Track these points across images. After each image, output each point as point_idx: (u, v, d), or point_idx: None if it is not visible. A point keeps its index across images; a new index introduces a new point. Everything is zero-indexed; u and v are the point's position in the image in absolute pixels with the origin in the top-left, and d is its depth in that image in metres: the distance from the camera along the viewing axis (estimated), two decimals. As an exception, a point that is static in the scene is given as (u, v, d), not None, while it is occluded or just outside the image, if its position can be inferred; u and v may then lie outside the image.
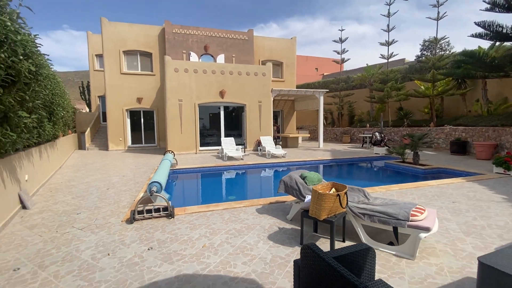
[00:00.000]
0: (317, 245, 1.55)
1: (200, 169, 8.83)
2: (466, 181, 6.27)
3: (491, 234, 3.37)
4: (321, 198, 2.87)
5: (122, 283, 2.48)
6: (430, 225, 2.76)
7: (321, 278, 1.38)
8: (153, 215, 4.09)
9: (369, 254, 1.75)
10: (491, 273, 1.92)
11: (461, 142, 11.10)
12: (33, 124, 4.71)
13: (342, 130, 19.43)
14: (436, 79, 13.55)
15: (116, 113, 14.96)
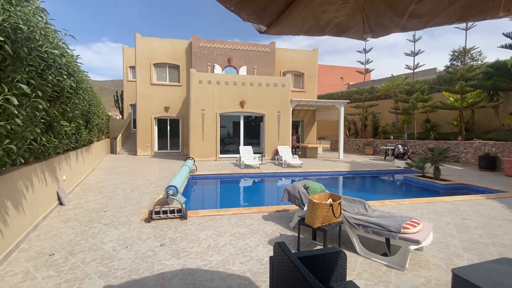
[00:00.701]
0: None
1: (217, 175, 9.27)
2: (485, 199, 6.01)
3: (492, 252, 3.33)
4: (315, 207, 3.08)
5: (135, 271, 2.88)
6: (420, 238, 2.86)
7: (286, 274, 1.63)
8: (168, 216, 4.52)
9: (340, 257, 1.97)
10: (463, 285, 2.03)
11: (490, 157, 10.47)
12: (72, 131, 5.44)
13: (365, 141, 19.03)
14: (465, 90, 12.95)
15: (145, 120, 16.10)
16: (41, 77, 3.20)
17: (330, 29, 1.55)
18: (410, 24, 1.59)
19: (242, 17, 1.32)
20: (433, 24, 1.61)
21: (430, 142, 14.40)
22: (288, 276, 1.57)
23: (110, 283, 2.67)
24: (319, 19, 1.47)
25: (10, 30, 2.23)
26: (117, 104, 24.12)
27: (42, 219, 4.36)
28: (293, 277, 1.49)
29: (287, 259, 1.57)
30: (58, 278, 2.75)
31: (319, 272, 1.92)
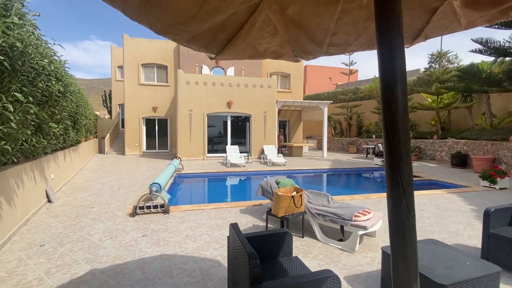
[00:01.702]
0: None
1: (203, 174, 9.63)
2: (446, 193, 6.60)
3: (435, 237, 3.83)
4: (279, 198, 3.51)
5: (118, 257, 3.24)
6: (368, 225, 3.32)
7: (235, 249, 2.04)
8: (151, 211, 4.88)
9: (286, 237, 2.39)
10: (387, 259, 2.49)
11: (462, 155, 11.20)
12: (60, 132, 5.71)
13: (348, 140, 19.71)
14: (440, 92, 13.70)
15: (133, 120, 16.26)
16: (32, 84, 3.51)
17: (268, 54, 1.96)
18: (331, 50, 2.02)
19: (194, 48, 1.70)
20: (350, 50, 2.05)
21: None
22: (236, 250, 1.98)
23: (96, 267, 3.02)
24: (257, 48, 1.87)
25: (8, 48, 2.57)
26: (105, 104, 24.07)
27: (32, 215, 4.64)
28: (239, 249, 1.90)
29: (236, 237, 1.98)
30: (48, 264, 3.08)
31: (268, 249, 2.34)
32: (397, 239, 0.99)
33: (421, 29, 1.71)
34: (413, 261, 0.97)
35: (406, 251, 0.97)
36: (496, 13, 1.43)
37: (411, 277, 0.97)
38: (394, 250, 1.02)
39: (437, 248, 2.55)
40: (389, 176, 1.01)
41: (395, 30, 0.97)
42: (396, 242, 1.00)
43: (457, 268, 2.20)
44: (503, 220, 3.20)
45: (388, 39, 0.98)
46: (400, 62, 0.97)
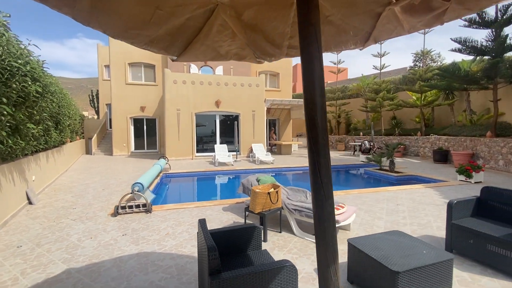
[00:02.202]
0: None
1: (190, 173, 9.66)
2: (424, 188, 6.84)
3: (406, 230, 4.01)
4: (256, 195, 3.61)
5: (96, 256, 3.27)
6: (340, 219, 3.46)
7: (201, 244, 2.12)
8: (134, 210, 4.90)
9: (255, 231, 2.49)
10: (354, 251, 2.63)
11: (443, 151, 11.56)
12: (39, 133, 5.65)
13: (337, 138, 20.00)
14: (423, 90, 14.07)
15: (120, 120, 16.08)
16: (5, 85, 3.48)
17: (230, 56, 2.04)
18: (291, 52, 2.12)
19: (154, 51, 1.77)
20: (309, 52, 2.15)
21: (395, 138, 15.48)
22: (201, 244, 2.06)
23: (72, 266, 3.06)
24: (219, 51, 1.95)
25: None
26: (92, 104, 23.68)
27: (11, 217, 4.60)
28: (203, 244, 1.99)
29: (201, 232, 2.07)
30: (24, 264, 3.10)
31: (237, 243, 2.43)
32: (318, 224, 1.10)
33: (370, 32, 1.83)
34: (331, 244, 1.08)
35: (326, 235, 1.08)
36: (431, 18, 1.56)
37: (329, 257, 1.07)
38: (316, 234, 1.12)
39: (399, 239, 2.70)
40: (310, 168, 1.11)
41: (311, 38, 1.07)
42: (318, 226, 1.10)
43: (413, 256, 2.34)
44: (466, 211, 3.39)
45: (306, 46, 1.08)
46: (317, 66, 1.07)
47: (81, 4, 1.18)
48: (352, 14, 1.73)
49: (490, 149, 9.49)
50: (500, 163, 9.06)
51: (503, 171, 8.92)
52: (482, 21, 10.00)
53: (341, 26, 1.83)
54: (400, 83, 18.45)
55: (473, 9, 1.39)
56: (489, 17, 9.86)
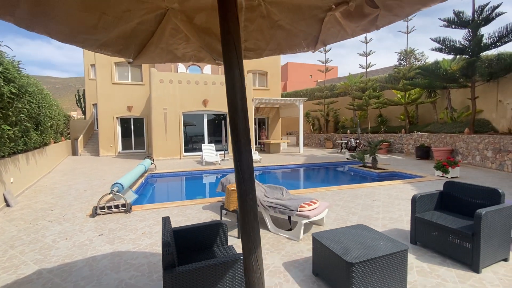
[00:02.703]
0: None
1: (175, 173, 9.67)
2: (403, 183, 7.06)
3: (377, 224, 4.16)
4: (230, 193, 3.69)
5: (69, 257, 3.30)
6: (310, 214, 3.57)
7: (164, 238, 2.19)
8: (113, 211, 4.91)
9: (221, 227, 2.57)
10: (317, 244, 2.73)
11: (425, 147, 11.89)
12: (16, 135, 5.58)
13: (325, 136, 20.26)
14: (407, 88, 14.41)
15: (107, 120, 15.89)
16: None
17: (188, 58, 2.10)
18: (249, 54, 2.20)
19: (108, 54, 1.82)
20: (266, 54, 2.24)
21: (380, 135, 15.80)
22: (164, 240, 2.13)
23: (44, 267, 3.07)
24: (175, 53, 2.01)
25: None
26: (79, 104, 23.28)
27: (-14, 219, 4.55)
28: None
29: (163, 228, 2.13)
30: (-5, 266, 3.10)
31: (203, 239, 2.51)
32: (241, 217, 1.18)
33: (317, 36, 1.92)
34: (252, 235, 1.16)
35: (247, 227, 1.16)
36: (367, 24, 1.66)
37: (251, 247, 1.16)
38: (240, 225, 1.21)
39: (362, 232, 2.82)
40: (234, 165, 1.20)
41: (230, 46, 1.15)
42: (241, 219, 1.19)
43: (371, 248, 2.46)
44: (429, 205, 3.55)
45: (226, 53, 1.16)
46: (237, 72, 1.16)
47: (21, 11, 1.22)
48: (299, 19, 1.82)
49: (468, 145, 9.82)
50: (477, 158, 9.40)
51: (479, 166, 9.26)
52: (459, 22, 10.32)
53: (291, 30, 1.92)
54: (386, 81, 18.82)
55: (400, 15, 1.50)
56: (466, 18, 10.18)
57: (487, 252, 2.79)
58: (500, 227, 2.87)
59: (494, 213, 2.79)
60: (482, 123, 11.27)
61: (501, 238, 2.90)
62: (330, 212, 4.78)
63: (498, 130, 10.66)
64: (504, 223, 2.91)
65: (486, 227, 2.74)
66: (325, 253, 2.58)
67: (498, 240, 2.87)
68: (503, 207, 2.88)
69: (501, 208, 2.86)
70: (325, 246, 2.54)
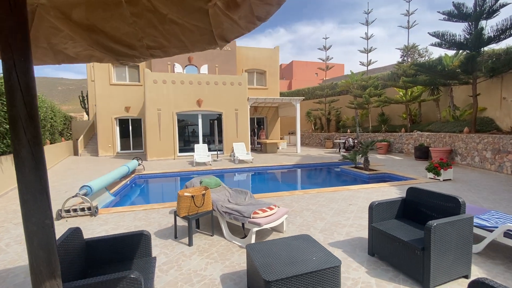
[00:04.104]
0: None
1: (163, 174, 9.62)
2: (389, 186, 6.72)
3: (341, 232, 3.91)
4: (179, 199, 3.54)
5: (13, 262, 3.23)
6: (261, 222, 3.38)
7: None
8: (78, 214, 4.86)
9: (143, 238, 2.42)
10: (249, 257, 2.54)
11: (424, 147, 11.39)
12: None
13: (325, 135, 19.85)
14: (407, 86, 13.86)
15: (105, 121, 16.08)
16: None
17: (85, 58, 1.94)
18: (156, 52, 2.03)
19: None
20: (173, 52, 2.06)
21: (381, 135, 15.31)
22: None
23: (-19, 273, 3.02)
24: (67, 53, 1.86)
25: None
26: (82, 105, 23.74)
27: (-47, 221, 4.59)
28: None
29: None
30: None
31: (121, 250, 2.36)
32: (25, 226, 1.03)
33: (213, 31, 1.73)
34: (49, 247, 1.01)
35: (33, 239, 1.01)
36: (249, 16, 1.46)
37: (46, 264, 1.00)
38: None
39: (300, 244, 2.61)
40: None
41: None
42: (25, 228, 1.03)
43: (300, 263, 2.25)
44: (390, 213, 3.29)
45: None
46: (22, 70, 1.00)
47: None
48: (187, 13, 1.63)
49: (467, 145, 9.31)
50: (476, 159, 8.89)
51: (478, 168, 8.75)
52: (459, 14, 9.79)
53: (184, 25, 1.74)
54: (388, 79, 18.22)
55: (272, 3, 1.30)
56: (467, 10, 9.64)
57: (441, 268, 2.52)
58: (457, 240, 2.59)
59: (448, 225, 2.52)
60: (485, 122, 10.67)
61: (459, 253, 2.62)
62: (297, 217, 4.56)
63: (502, 129, 10.07)
64: (463, 236, 2.63)
65: (438, 241, 2.48)
66: (253, 267, 2.39)
67: (454, 255, 2.59)
68: (460, 219, 2.60)
69: (457, 219, 2.58)
70: (251, 259, 2.35)
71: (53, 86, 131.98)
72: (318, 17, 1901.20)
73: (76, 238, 2.13)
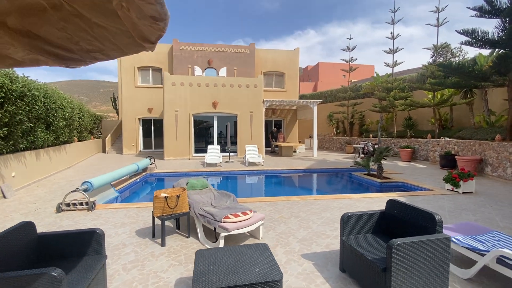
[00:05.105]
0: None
1: (172, 173, 9.91)
2: (397, 196, 6.22)
3: (321, 243, 3.68)
4: (154, 199, 3.59)
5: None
6: (229, 227, 3.29)
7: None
8: (77, 208, 5.17)
9: (94, 235, 2.48)
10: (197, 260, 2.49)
11: (450, 156, 10.40)
12: (14, 134, 6.21)
13: (347, 139, 19.06)
14: (435, 88, 12.81)
15: (130, 121, 17.05)
16: None
17: (32, 62, 2.04)
18: (99, 56, 2.07)
19: None
20: (114, 55, 2.08)
21: (405, 140, 14.32)
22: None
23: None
24: (13, 57, 1.94)
25: None
26: (114, 105, 25.42)
27: (-27, 209, 5.13)
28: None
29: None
30: None
31: (72, 247, 2.44)
32: None
33: (132, 33, 1.72)
34: None
35: None
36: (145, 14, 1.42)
37: None
38: None
39: (252, 253, 2.49)
40: None
41: None
42: None
43: (239, 274, 2.15)
44: (366, 226, 3.02)
45: None
46: None
47: None
48: (104, 16, 1.64)
49: (499, 154, 8.32)
50: (508, 171, 7.90)
51: (511, 181, 7.76)
52: (492, 9, 8.83)
53: (109, 28, 1.74)
54: (417, 81, 17.01)
55: (152, 2, 1.25)
56: (500, 5, 8.67)
57: (406, 292, 2.24)
58: (428, 263, 2.29)
59: (415, 246, 2.24)
60: (524, 129, 9.44)
61: (432, 278, 2.31)
62: (282, 224, 4.39)
63: (545, 138, 8.84)
64: (435, 258, 2.31)
65: (402, 262, 2.21)
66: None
67: (425, 280, 2.29)
68: (431, 239, 2.29)
69: (427, 240, 2.28)
70: (194, 266, 2.29)
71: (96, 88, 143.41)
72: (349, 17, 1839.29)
73: (26, 232, 2.25)
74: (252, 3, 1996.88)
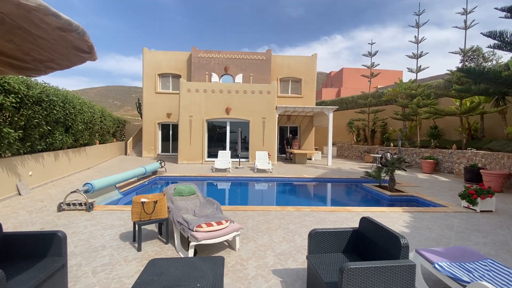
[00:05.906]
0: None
1: (180, 177, 10.11)
2: (402, 212, 5.77)
3: (299, 259, 3.48)
4: (132, 205, 3.65)
5: None
6: (199, 237, 3.24)
7: None
8: (77, 208, 5.44)
9: (55, 238, 2.56)
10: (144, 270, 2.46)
11: (475, 169, 9.49)
12: (19, 136, 6.73)
13: (366, 148, 18.24)
14: (461, 96, 11.84)
15: (150, 125, 17.81)
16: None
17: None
18: (52, 65, 2.16)
19: None
20: (67, 65, 2.16)
21: (428, 151, 13.36)
22: None
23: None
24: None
25: None
26: (138, 110, 26.78)
27: (-11, 204, 5.61)
28: None
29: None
30: None
31: (37, 247, 2.54)
32: None
33: (69, 45, 1.76)
34: None
35: None
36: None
37: None
38: None
39: (204, 267, 2.41)
40: None
41: None
42: None
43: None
44: (337, 244, 2.80)
45: None
46: None
47: None
48: (40, 29, 1.70)
49: (530, 170, 7.42)
50: (541, 189, 7.00)
51: (544, 200, 6.87)
52: (524, 9, 8.01)
53: (50, 40, 1.81)
54: (444, 87, 15.88)
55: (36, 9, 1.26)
56: (534, 4, 7.84)
57: (361, 323, 2.02)
58: (388, 291, 2.05)
59: (370, 271, 2.02)
60: None
61: (393, 308, 2.07)
62: (265, 236, 4.24)
63: None
64: (397, 285, 2.07)
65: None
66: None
67: (385, 309, 2.06)
68: (391, 265, 2.05)
69: (385, 266, 2.04)
70: (139, 277, 2.26)
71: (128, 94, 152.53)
72: (379, 21, 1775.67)
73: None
74: (277, 10, 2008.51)
